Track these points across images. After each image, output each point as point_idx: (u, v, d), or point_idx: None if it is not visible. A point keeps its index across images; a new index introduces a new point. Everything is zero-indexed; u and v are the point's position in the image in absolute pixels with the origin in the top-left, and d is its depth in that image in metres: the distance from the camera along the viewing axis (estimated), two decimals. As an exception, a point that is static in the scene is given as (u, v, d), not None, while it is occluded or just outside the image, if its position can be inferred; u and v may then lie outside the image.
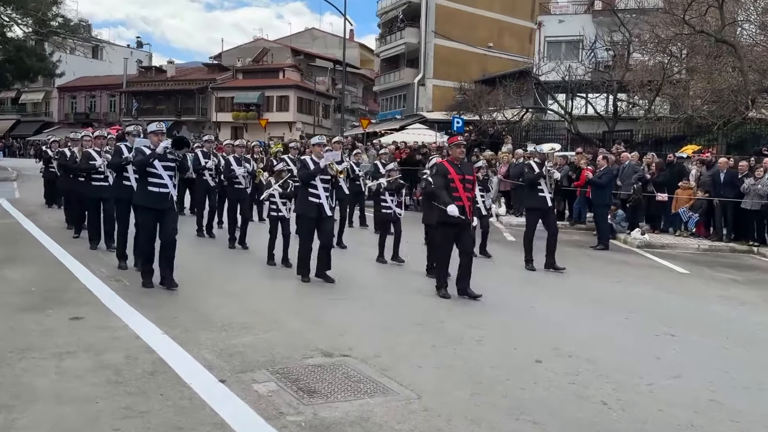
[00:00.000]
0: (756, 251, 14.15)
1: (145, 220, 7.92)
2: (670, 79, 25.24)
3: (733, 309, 8.94)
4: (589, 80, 29.08)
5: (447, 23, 43.92)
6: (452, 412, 4.70)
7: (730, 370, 6.06)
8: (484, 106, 30.91)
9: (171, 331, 6.25)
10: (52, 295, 7.60)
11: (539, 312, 8.12)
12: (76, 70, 55.73)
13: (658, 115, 25.80)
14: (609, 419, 4.78)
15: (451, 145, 8.82)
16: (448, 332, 6.89)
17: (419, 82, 44.54)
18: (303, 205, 9.08)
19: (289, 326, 6.74)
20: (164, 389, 4.84)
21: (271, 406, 4.61)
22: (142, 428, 4.14)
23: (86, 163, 10.54)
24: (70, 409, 4.43)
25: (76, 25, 35.38)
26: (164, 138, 8.09)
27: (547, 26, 36.05)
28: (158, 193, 7.81)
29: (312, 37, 62.75)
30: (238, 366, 5.42)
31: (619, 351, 6.52)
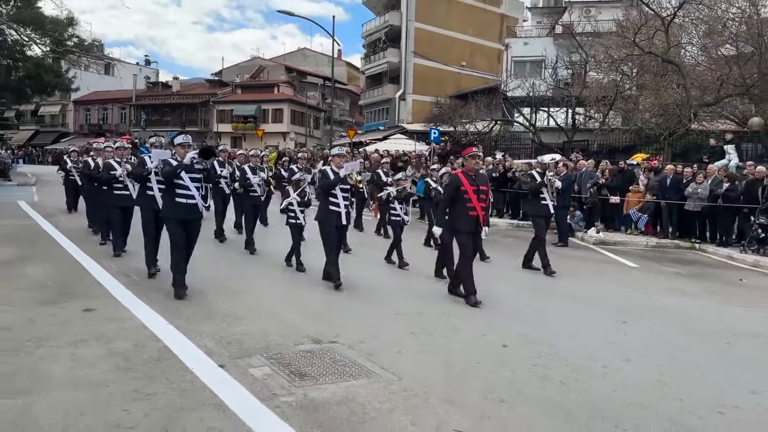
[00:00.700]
0: (697, 248, 14.29)
1: (174, 231, 7.26)
2: (622, 95, 25.41)
3: (677, 299, 9.03)
4: (550, 96, 29.25)
5: (425, 45, 44.03)
6: (429, 392, 4.72)
7: (675, 354, 6.12)
8: (458, 118, 31.12)
9: (175, 322, 6.23)
10: (67, 290, 7.55)
11: (508, 304, 8.14)
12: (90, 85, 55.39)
13: (612, 127, 25.97)
14: (568, 398, 4.80)
15: (466, 156, 8.13)
16: (426, 322, 6.89)
17: (400, 97, 44.60)
18: (324, 213, 8.41)
19: (282, 317, 6.73)
20: (169, 374, 4.83)
21: (265, 388, 4.62)
22: (149, 409, 4.14)
23: (107, 173, 9.92)
24: (83, 393, 4.42)
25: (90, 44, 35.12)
26: (190, 150, 7.40)
27: (513, 48, 36.23)
28: (185, 204, 7.22)
29: (304, 56, 62.63)
30: (236, 352, 5.42)
31: (577, 337, 6.56)
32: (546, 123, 29.03)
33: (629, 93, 25.62)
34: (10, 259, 9.46)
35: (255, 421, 4.03)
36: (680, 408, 4.63)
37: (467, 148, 8.51)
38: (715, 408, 4.63)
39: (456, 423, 4.15)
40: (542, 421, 4.32)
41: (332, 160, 8.61)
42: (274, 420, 4.07)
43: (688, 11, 22.96)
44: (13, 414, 4.00)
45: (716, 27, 22.38)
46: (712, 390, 5.11)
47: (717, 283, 10.60)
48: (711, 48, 23.06)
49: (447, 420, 4.19)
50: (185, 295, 7.12)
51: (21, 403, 4.16)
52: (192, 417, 4.04)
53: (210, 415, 4.08)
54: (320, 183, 8.60)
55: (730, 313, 8.34)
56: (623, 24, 24.68)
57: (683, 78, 22.08)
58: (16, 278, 8.13)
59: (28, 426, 3.86)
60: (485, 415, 4.34)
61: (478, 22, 46.76)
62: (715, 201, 14.15)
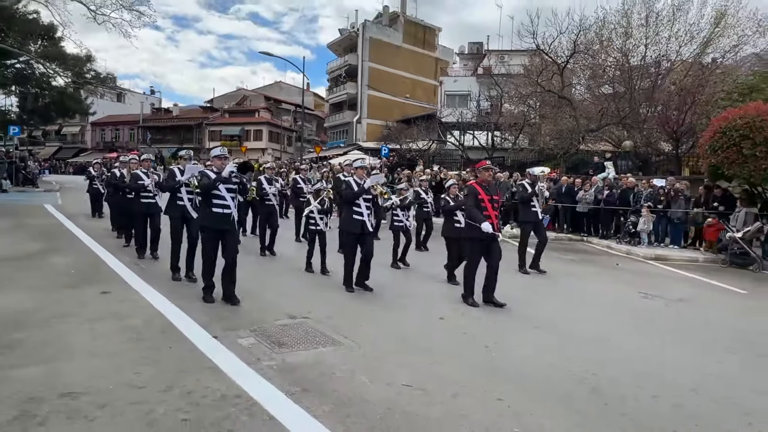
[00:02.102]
0: (585, 240, 14.69)
1: (209, 240, 6.19)
2: (529, 122, 25.93)
3: (575, 281, 9.25)
4: (475, 122, 29.61)
5: (377, 80, 44.05)
6: (383, 356, 4.73)
7: (575, 324, 6.26)
8: (403, 138, 31.17)
9: (177, 302, 6.08)
10: (87, 276, 7.28)
11: (447, 287, 8.20)
12: (105, 109, 53.98)
13: (521, 147, 26.45)
14: (491, 358, 4.88)
15: (480, 169, 7.20)
16: (383, 301, 6.90)
17: (357, 120, 44.47)
18: (348, 222, 7.35)
19: (264, 298, 6.63)
20: (172, 343, 4.74)
21: (251, 354, 4.56)
22: (157, 372, 4.07)
23: (135, 182, 8.79)
24: (101, 360, 4.30)
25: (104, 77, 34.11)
26: (227, 162, 6.46)
27: (445, 84, 36.54)
28: (222, 214, 6.14)
29: (279, 88, 61.86)
30: (227, 326, 5.33)
31: (498, 311, 6.66)
32: (472, 143, 29.39)
33: (534, 121, 26.09)
34: (39, 251, 9.05)
35: (243, 380, 3.98)
36: (582, 367, 4.75)
37: (481, 161, 7.56)
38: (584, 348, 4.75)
39: (404, 379, 4.17)
40: (473, 379, 4.37)
41: (355, 172, 7.63)
42: (258, 380, 4.03)
43: (577, 59, 23.53)
44: (44, 377, 3.89)
45: (598, 72, 23.04)
46: (593, 329, 5.25)
47: (600, 266, 10.91)
48: (594, 88, 23.70)
49: (397, 378, 4.20)
50: (212, 300, 6.15)
51: (50, 368, 4.05)
52: (192, 377, 3.97)
53: (206, 376, 4.02)
54: (344, 193, 7.42)
55: (609, 288, 8.62)
56: (529, 68, 25.08)
57: (574, 110, 22.66)
58: (43, 267, 7.80)
59: (57, 385, 3.74)
60: (430, 373, 4.37)
61: (419, 64, 47.03)
62: (598, 204, 14.60)
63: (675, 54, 20.91)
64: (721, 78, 19.01)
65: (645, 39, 21.21)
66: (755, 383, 4.63)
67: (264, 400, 3.66)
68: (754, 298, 8.63)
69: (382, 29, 45.42)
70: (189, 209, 7.47)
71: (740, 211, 12.32)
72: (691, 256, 12.32)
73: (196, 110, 61.20)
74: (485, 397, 3.96)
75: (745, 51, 19.96)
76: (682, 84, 19.91)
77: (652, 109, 21.09)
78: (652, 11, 20.85)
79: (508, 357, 4.93)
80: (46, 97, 31.95)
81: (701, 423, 3.76)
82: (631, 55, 21.67)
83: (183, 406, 3.52)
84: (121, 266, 7.99)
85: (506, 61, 28.80)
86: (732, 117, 11.48)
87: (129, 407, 3.47)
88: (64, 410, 3.39)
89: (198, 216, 6.30)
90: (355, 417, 3.51)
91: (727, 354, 5.44)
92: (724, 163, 11.54)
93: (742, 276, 10.48)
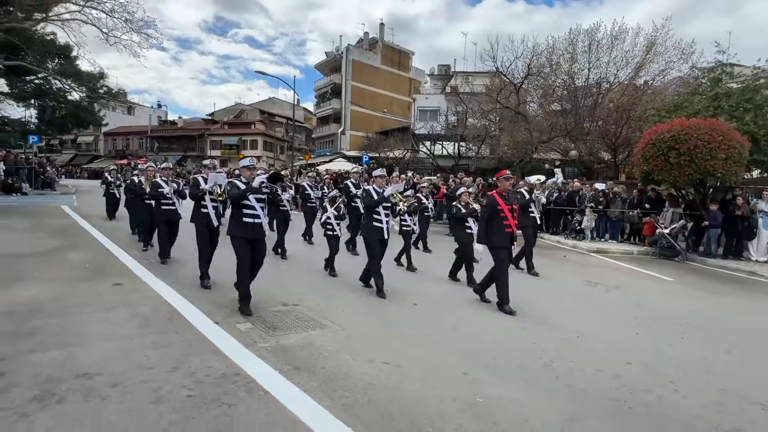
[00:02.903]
0: (538, 236, 14.70)
1: (241, 248, 5.47)
2: (490, 134, 26.16)
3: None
4: (443, 133, 29.77)
5: (359, 97, 43.89)
6: (364, 336, 4.73)
7: (531, 308, 6.30)
8: (382, 147, 31.23)
9: (182, 291, 5.97)
10: (101, 270, 7.09)
11: (423, 277, 8.22)
12: (117, 121, 52.75)
13: (483, 156, 26.71)
14: (458, 338, 4.90)
15: (500, 179, 6.49)
16: (365, 291, 6.85)
17: (341, 132, 44.22)
18: (369, 229, 6.65)
19: (259, 287, 6.50)
20: (178, 329, 4.65)
21: (248, 338, 4.51)
22: (165, 354, 3.99)
23: (155, 190, 7.98)
24: (114, 344, 4.19)
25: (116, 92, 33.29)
26: (255, 172, 5.82)
27: (418, 101, 36.60)
28: (252, 224, 5.51)
29: (273, 103, 61.09)
30: (227, 313, 5.25)
31: (465, 299, 6.68)
32: (441, 152, 29.53)
33: (494, 133, 26.35)
34: (57, 248, 8.78)
35: (242, 360, 3.94)
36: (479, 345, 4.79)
37: (501, 171, 6.77)
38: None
39: (383, 358, 4.17)
40: (443, 357, 4.39)
41: (374, 181, 7.02)
42: (255, 360, 3.98)
43: (531, 80, 23.84)
44: (62, 360, 3.80)
45: (548, 91, 23.39)
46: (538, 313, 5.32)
47: (551, 259, 11.00)
48: (545, 105, 24.05)
49: (377, 356, 4.20)
50: (250, 312, 5.25)
51: (68, 352, 3.94)
52: (196, 359, 3.91)
53: (209, 358, 3.96)
54: (365, 201, 6.78)
55: (560, 277, 8.71)
56: (490, 87, 25.31)
57: (528, 124, 22.95)
58: (61, 262, 7.58)
59: (74, 367, 3.66)
60: (405, 353, 4.38)
61: (395, 83, 47.02)
62: (548, 204, 14.77)
63: (613, 77, 21.37)
64: (651, 97, 19.45)
65: (588, 64, 21.62)
66: (677, 355, 4.76)
67: (260, 377, 3.63)
68: (679, 284, 8.85)
69: (363, 52, 45.32)
70: (213, 217, 6.74)
71: (668, 211, 12.64)
72: (627, 249, 12.57)
73: (198, 122, 60.22)
74: (453, 372, 3.99)
75: (671, 75, 20.49)
76: (619, 102, 20.34)
77: (594, 124, 21.49)
78: (594, 40, 21.27)
79: (473, 337, 4.97)
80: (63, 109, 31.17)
81: (635, 390, 3.85)
82: (576, 77, 22.08)
83: (188, 384, 3.46)
84: (131, 261, 7.81)
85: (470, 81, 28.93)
86: (660, 131, 11.73)
87: (138, 386, 3.40)
88: (80, 389, 3.32)
89: (229, 226, 5.53)
90: (340, 391, 3.50)
91: (655, 330, 5.58)
92: (654, 170, 11.79)
93: (669, 266, 10.74)
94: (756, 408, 3.68)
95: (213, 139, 53.72)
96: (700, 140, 10.80)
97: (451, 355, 4.37)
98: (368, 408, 3.29)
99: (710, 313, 6.74)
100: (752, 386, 4.08)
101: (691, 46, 19.83)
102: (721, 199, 11.96)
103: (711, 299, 7.72)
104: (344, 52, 44.18)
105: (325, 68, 48.93)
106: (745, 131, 11.82)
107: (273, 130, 54.16)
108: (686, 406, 3.65)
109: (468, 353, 4.46)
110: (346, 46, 44.80)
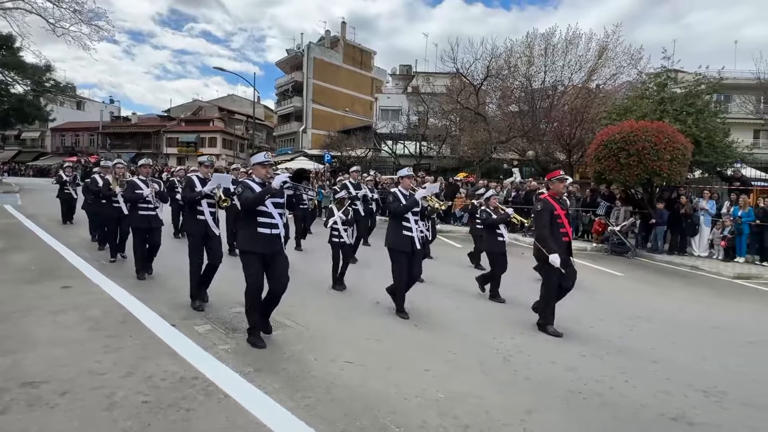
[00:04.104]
0: (497, 233, 15.10)
1: (253, 267, 4.30)
2: (450, 134, 26.47)
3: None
4: (405, 133, 29.93)
5: (320, 95, 43.55)
6: (327, 336, 4.69)
7: (490, 305, 6.43)
8: (344, 146, 31.03)
9: (136, 293, 5.76)
10: (48, 272, 6.73)
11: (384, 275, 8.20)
12: (65, 116, 49.85)
13: (444, 155, 27.00)
14: (417, 334, 4.94)
15: (554, 179, 5.52)
16: (329, 291, 6.79)
17: (303, 130, 43.74)
18: (397, 239, 5.60)
19: (220, 288, 6.35)
20: (132, 332, 4.48)
21: (207, 340, 4.40)
22: (118, 359, 3.83)
23: (132, 192, 6.70)
24: (62, 349, 3.99)
25: (64, 86, 31.51)
26: (272, 170, 4.77)
27: (380, 100, 36.68)
28: (269, 236, 4.33)
29: (232, 100, 59.66)
30: (184, 315, 5.10)
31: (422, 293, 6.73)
32: (403, 151, 29.68)
33: (454, 133, 26.67)
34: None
35: (201, 363, 3.83)
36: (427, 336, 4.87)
37: (555, 171, 5.78)
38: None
39: (346, 357, 4.15)
40: (405, 354, 4.41)
41: (401, 182, 5.95)
42: (214, 362, 3.88)
43: (490, 82, 24.31)
44: (5, 368, 3.58)
45: (507, 93, 23.90)
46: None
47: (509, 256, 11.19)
48: (504, 106, 24.55)
49: (340, 355, 4.18)
50: (263, 345, 4.29)
51: (12, 359, 3.72)
52: (151, 363, 3.77)
53: (165, 361, 3.83)
54: (391, 206, 5.72)
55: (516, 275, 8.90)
56: (450, 88, 25.62)
57: (487, 125, 23.40)
58: (4, 264, 7.15)
59: (19, 375, 3.46)
60: (368, 351, 4.37)
61: (357, 82, 46.94)
62: (507, 203, 15.12)
63: (568, 80, 22.09)
64: (603, 100, 20.23)
65: (544, 67, 22.24)
66: (627, 346, 4.98)
67: (220, 380, 3.54)
68: (628, 279, 9.27)
69: (325, 51, 45.00)
70: (211, 225, 5.63)
71: (619, 209, 13.20)
72: (580, 245, 13.02)
73: (154, 119, 58.06)
74: (414, 369, 4.02)
75: (621, 79, 21.41)
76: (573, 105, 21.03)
77: (550, 125, 22.13)
78: (550, 44, 21.92)
79: (434, 334, 5.02)
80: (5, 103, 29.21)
81: (589, 381, 4.00)
82: (533, 80, 22.66)
83: (143, 389, 3.34)
84: (81, 262, 7.45)
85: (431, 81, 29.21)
86: (611, 132, 12.23)
87: (90, 393, 3.25)
88: (25, 399, 3.13)
89: (239, 238, 4.47)
90: (303, 391, 3.46)
91: (606, 323, 5.81)
92: (606, 170, 12.27)
93: (620, 262, 11.22)
94: (699, 395, 3.89)
95: (169, 136, 51.97)
96: (647, 142, 11.32)
97: (413, 352, 4.41)
98: (331, 407, 3.27)
99: (657, 306, 7.08)
100: (695, 375, 4.32)
101: (639, 52, 20.81)
102: (666, 198, 12.61)
103: (658, 293, 8.12)
104: (306, 49, 43.73)
105: (286, 66, 48.27)
106: (688, 134, 12.51)
107: (232, 128, 52.94)
108: (635, 395, 3.82)
109: (429, 349, 4.50)
110: (307, 44, 44.38)
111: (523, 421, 3.26)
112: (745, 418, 3.54)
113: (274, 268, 4.39)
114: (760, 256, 11.48)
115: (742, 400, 3.82)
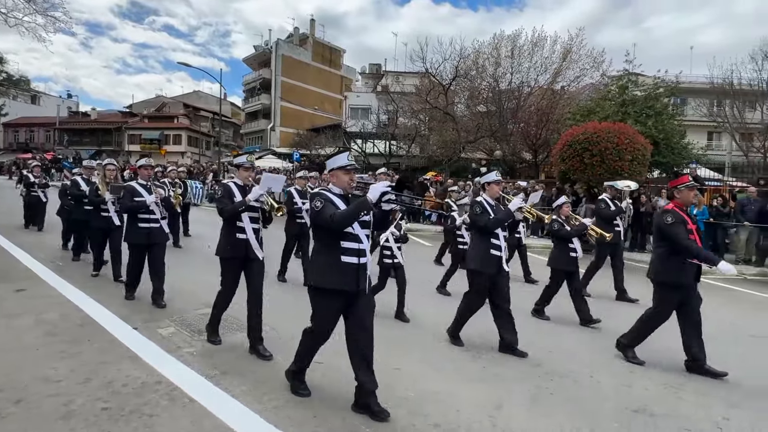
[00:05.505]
0: (466, 232, 15.29)
1: (332, 312, 3.36)
2: (419, 134, 26.65)
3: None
4: (375, 132, 29.95)
5: (289, 92, 43.09)
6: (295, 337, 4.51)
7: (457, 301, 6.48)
8: (313, 145, 30.77)
9: (96, 295, 5.54)
10: (1, 275, 6.38)
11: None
12: (18, 111, 47.76)
13: (413, 154, 27.17)
14: (388, 333, 4.94)
15: (680, 187, 4.43)
16: (298, 291, 6.70)
17: (271, 128, 43.18)
18: (482, 259, 4.59)
19: (185, 288, 6.21)
20: (91, 336, 4.30)
21: (171, 343, 4.28)
22: (75, 365, 3.67)
23: (131, 199, 5.46)
24: (16, 355, 3.81)
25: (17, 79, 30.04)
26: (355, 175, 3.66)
27: (350, 98, 36.59)
28: (356, 267, 3.22)
29: (198, 96, 58.28)
30: (147, 318, 4.94)
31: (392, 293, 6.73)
32: (372, 150, 29.69)
33: (424, 132, 26.89)
34: (-58, 250, 7.79)
35: (164, 367, 3.72)
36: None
37: (683, 176, 4.52)
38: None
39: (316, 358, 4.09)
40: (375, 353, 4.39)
41: (488, 189, 4.92)
42: (179, 366, 3.78)
43: (458, 82, 24.62)
44: (-52, 380, 3.34)
45: (475, 93, 24.30)
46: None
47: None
48: (472, 106, 24.97)
49: (309, 356, 4.12)
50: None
51: (-45, 371, 3.47)
52: (112, 368, 3.64)
53: (127, 366, 3.70)
54: (480, 220, 4.69)
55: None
56: (420, 88, 25.83)
57: (456, 124, 23.70)
58: (-52, 266, 6.74)
59: (-37, 388, 3.23)
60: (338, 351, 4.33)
61: (326, 80, 46.68)
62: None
63: (534, 81, 22.61)
64: (567, 102, 20.82)
65: (511, 68, 22.69)
66: (592, 342, 5.13)
67: (184, 384, 3.44)
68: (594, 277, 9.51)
69: (294, 48, 44.51)
70: (254, 246, 4.36)
71: (583, 207, 13.58)
72: (546, 243, 13.31)
73: (115, 114, 56.00)
74: (385, 368, 4.01)
75: (585, 81, 22.07)
76: (539, 106, 21.56)
77: (517, 126, 22.61)
78: (516, 46, 22.38)
79: (404, 333, 5.04)
80: (-49, 96, 27.66)
81: (555, 377, 4.09)
82: (500, 81, 23.09)
83: (103, 395, 3.21)
84: (37, 264, 7.10)
85: (401, 81, 29.34)
86: (576, 133, 12.59)
87: (45, 400, 3.10)
88: (-26, 409, 2.96)
89: (312, 270, 3.33)
90: (271, 394, 3.41)
91: (572, 320, 5.95)
92: (570, 169, 12.62)
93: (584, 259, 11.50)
94: (659, 388, 4.04)
95: (132, 132, 50.30)
96: (610, 143, 11.71)
97: (384, 351, 4.39)
98: (300, 408, 3.23)
99: (620, 303, 7.31)
100: (655, 368, 4.48)
101: (601, 55, 21.51)
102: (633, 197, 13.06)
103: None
104: (274, 46, 43.16)
105: (253, 62, 47.50)
106: (648, 135, 13.01)
107: (198, 125, 51.67)
108: (600, 389, 3.93)
109: (399, 348, 4.51)
110: (275, 40, 43.79)
111: (492, 417, 3.30)
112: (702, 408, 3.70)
113: (356, 313, 3.25)
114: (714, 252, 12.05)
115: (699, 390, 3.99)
